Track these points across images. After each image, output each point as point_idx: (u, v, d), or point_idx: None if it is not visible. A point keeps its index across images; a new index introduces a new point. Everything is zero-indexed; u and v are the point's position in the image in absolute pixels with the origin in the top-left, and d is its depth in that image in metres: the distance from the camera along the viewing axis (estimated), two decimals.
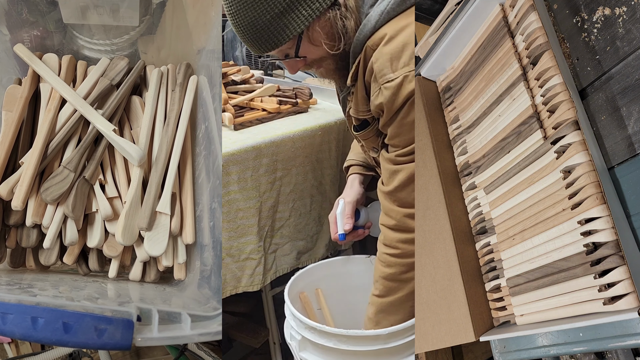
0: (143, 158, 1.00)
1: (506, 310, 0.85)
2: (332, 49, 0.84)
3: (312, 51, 0.85)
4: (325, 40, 0.83)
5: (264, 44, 0.83)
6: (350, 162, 1.11)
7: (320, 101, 1.53)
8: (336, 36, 0.83)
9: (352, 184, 1.08)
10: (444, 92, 1.08)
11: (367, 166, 1.09)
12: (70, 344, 0.64)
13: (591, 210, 0.66)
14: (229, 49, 2.17)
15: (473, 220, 0.94)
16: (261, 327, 1.43)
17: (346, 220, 1.03)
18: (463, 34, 0.99)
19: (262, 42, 0.82)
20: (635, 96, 0.70)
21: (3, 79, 1.08)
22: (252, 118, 1.37)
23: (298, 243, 1.33)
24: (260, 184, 1.23)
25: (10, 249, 1.00)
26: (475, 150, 0.95)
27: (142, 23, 1.15)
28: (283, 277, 1.30)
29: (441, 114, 1.07)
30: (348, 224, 1.03)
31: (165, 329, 0.70)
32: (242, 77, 1.58)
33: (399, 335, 0.83)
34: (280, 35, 0.81)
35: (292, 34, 0.81)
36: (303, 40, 0.83)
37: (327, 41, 0.83)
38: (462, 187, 0.98)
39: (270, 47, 0.83)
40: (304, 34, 0.82)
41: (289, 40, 0.82)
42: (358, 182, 1.07)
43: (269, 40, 0.82)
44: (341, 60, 0.87)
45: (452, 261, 0.90)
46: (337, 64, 0.88)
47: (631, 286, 0.61)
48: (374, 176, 1.10)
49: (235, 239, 1.21)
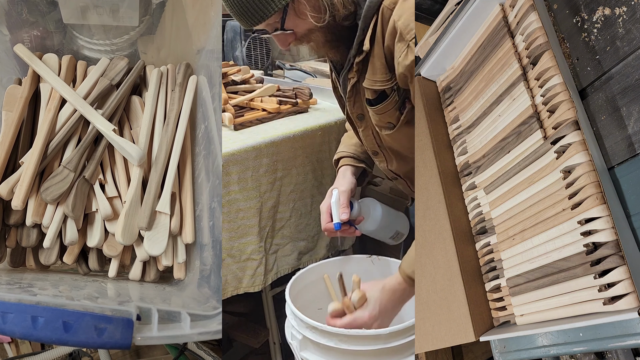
0: (143, 158, 1.00)
1: (506, 310, 0.85)
2: (319, 21, 0.84)
3: (299, 24, 0.85)
4: (311, 12, 0.83)
5: (251, 17, 0.83)
6: (340, 155, 1.09)
7: (320, 101, 1.53)
8: (322, 8, 0.83)
9: (344, 174, 1.06)
10: (444, 92, 1.08)
11: (358, 158, 1.07)
12: (70, 343, 0.64)
13: (591, 210, 0.66)
14: (229, 49, 2.17)
15: (473, 220, 0.94)
16: (261, 327, 1.43)
17: (342, 209, 1.00)
18: (463, 34, 0.99)
19: (249, 15, 0.83)
20: (635, 96, 0.70)
21: (3, 79, 1.08)
22: (252, 118, 1.37)
23: (299, 243, 1.33)
24: (261, 184, 1.23)
25: (10, 249, 1.00)
26: (475, 150, 0.95)
27: (141, 23, 1.15)
28: (282, 277, 1.30)
29: (441, 114, 1.07)
30: (345, 213, 1.00)
31: (165, 328, 0.70)
32: (242, 77, 1.58)
33: (399, 335, 0.83)
34: (265, 8, 0.82)
35: (277, 7, 0.81)
36: (289, 13, 0.83)
37: (313, 13, 0.83)
38: (462, 187, 0.98)
39: (257, 20, 0.83)
40: (289, 7, 0.82)
41: (275, 13, 0.82)
42: (350, 173, 1.06)
43: (255, 13, 0.82)
44: (330, 33, 0.87)
45: (452, 261, 0.90)
46: (326, 37, 0.87)
47: (631, 286, 0.61)
48: (364, 169, 1.09)
49: (236, 239, 1.21)
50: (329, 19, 0.84)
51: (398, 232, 1.12)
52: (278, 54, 2.42)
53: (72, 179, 0.97)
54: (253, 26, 0.85)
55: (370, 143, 1.01)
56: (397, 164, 1.01)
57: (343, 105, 1.01)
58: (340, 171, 1.08)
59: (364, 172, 1.10)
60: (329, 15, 0.84)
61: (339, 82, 0.97)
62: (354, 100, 0.95)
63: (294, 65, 2.10)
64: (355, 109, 0.97)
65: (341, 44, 0.89)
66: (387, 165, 1.04)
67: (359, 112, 0.97)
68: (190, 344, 1.22)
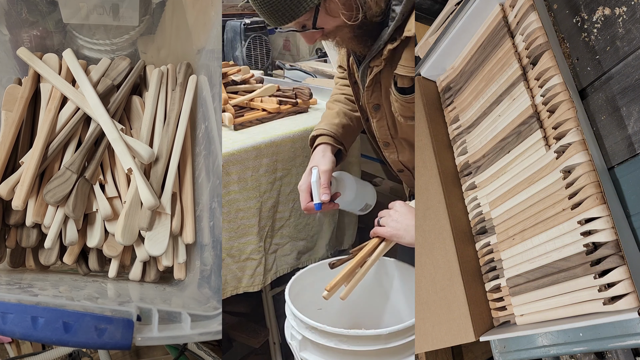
0: (152, 157, 1.00)
1: (506, 310, 0.85)
2: (350, 19, 0.83)
3: (330, 22, 0.85)
4: (343, 11, 0.83)
5: (281, 16, 0.82)
6: (320, 132, 1.06)
7: (320, 101, 1.53)
8: (354, 6, 0.83)
9: (324, 153, 1.03)
10: (444, 92, 1.08)
11: (338, 140, 1.06)
12: (71, 343, 0.64)
13: (591, 210, 0.66)
14: (229, 49, 2.17)
15: (473, 220, 0.94)
16: (261, 327, 1.43)
17: (323, 190, 0.98)
18: (463, 34, 0.99)
19: (280, 13, 0.82)
20: (635, 96, 0.70)
21: (3, 79, 1.08)
22: (252, 118, 1.37)
23: (298, 243, 1.33)
24: (261, 184, 1.23)
25: (10, 249, 1.00)
26: (475, 150, 0.95)
27: (142, 23, 1.15)
28: (283, 277, 1.30)
29: (441, 114, 1.07)
30: (325, 194, 0.98)
31: (165, 329, 0.70)
32: (242, 77, 1.58)
33: (399, 335, 0.83)
34: (297, 7, 0.81)
35: (309, 6, 0.81)
36: (320, 12, 0.83)
37: (345, 11, 0.83)
38: (462, 187, 0.98)
39: (288, 19, 0.83)
40: (321, 5, 0.82)
41: (306, 12, 0.82)
42: (330, 152, 1.04)
43: (286, 12, 0.82)
44: (359, 28, 0.87)
45: (452, 261, 0.90)
46: (354, 32, 0.87)
47: (631, 286, 0.61)
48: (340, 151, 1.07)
49: (236, 239, 1.21)
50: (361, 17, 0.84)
51: (367, 204, 1.11)
52: (278, 54, 2.42)
53: (74, 180, 0.97)
54: (282, 25, 0.84)
55: (383, 134, 1.00)
56: (409, 154, 1.01)
57: (358, 94, 1.00)
58: (320, 149, 1.04)
59: (338, 155, 1.08)
60: (361, 13, 0.83)
61: (358, 71, 0.96)
62: (372, 90, 0.95)
63: (294, 65, 2.10)
64: (372, 99, 0.96)
65: (368, 37, 0.88)
66: (397, 157, 1.03)
67: (375, 102, 0.96)
68: (191, 345, 1.22)
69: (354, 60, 0.97)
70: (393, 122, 0.98)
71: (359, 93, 0.99)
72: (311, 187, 0.99)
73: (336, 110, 1.11)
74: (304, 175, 1.02)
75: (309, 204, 0.99)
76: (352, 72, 1.00)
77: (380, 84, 0.94)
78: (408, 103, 0.92)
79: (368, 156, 1.48)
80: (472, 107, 0.97)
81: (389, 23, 0.86)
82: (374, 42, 0.89)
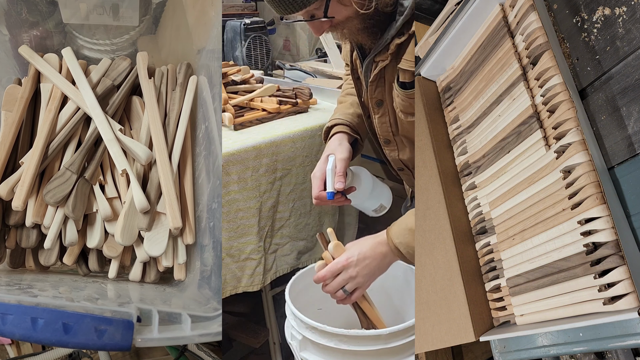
0: (150, 158, 1.00)
1: (506, 310, 0.85)
2: (362, 7, 0.81)
3: (341, 11, 0.83)
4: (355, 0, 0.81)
5: (291, 4, 0.80)
6: (336, 122, 1.03)
7: (320, 101, 1.53)
8: None
9: (340, 141, 0.99)
10: (444, 92, 1.08)
11: (354, 129, 1.03)
12: (70, 344, 0.64)
13: (591, 210, 0.66)
14: (229, 49, 2.17)
15: (473, 220, 0.94)
16: (261, 327, 1.43)
17: (338, 177, 0.93)
18: (463, 34, 0.99)
19: (290, 1, 0.80)
20: (635, 96, 0.70)
21: (3, 79, 1.08)
22: (252, 118, 1.37)
23: (298, 243, 1.33)
24: (260, 184, 1.23)
25: (10, 250, 1.00)
26: (475, 150, 0.95)
27: (142, 23, 1.15)
28: (283, 277, 1.30)
29: (441, 114, 1.07)
30: (340, 182, 0.92)
31: (165, 330, 0.70)
32: (242, 77, 1.58)
33: (399, 335, 0.83)
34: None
35: None
36: (332, 0, 0.81)
37: (358, 0, 0.81)
38: (462, 187, 0.98)
39: (299, 7, 0.81)
40: None
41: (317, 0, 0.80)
42: (347, 141, 1.00)
43: (296, 0, 0.80)
44: (369, 19, 0.85)
45: (452, 261, 0.90)
46: (364, 24, 0.86)
47: (631, 286, 0.61)
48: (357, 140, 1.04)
49: (235, 239, 1.21)
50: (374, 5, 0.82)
51: (382, 205, 1.08)
52: (278, 54, 2.42)
53: (74, 181, 0.97)
54: (292, 13, 0.82)
55: (384, 130, 0.99)
56: (410, 153, 1.00)
57: (360, 90, 0.99)
58: (336, 138, 1.00)
59: (355, 145, 1.05)
60: (374, 1, 0.82)
61: (361, 66, 0.95)
62: (376, 85, 0.93)
63: (294, 65, 2.10)
64: (375, 95, 0.95)
65: (377, 29, 0.87)
66: (397, 155, 1.02)
67: (378, 98, 0.95)
68: (191, 345, 1.22)
69: (358, 56, 0.96)
70: (395, 119, 0.97)
71: (362, 89, 0.98)
72: (326, 175, 0.94)
73: (349, 101, 1.08)
74: (319, 163, 0.97)
75: (321, 192, 0.94)
76: (355, 67, 0.99)
77: (385, 79, 0.92)
78: (409, 98, 0.91)
79: (368, 156, 1.48)
80: (472, 107, 0.97)
81: (396, 17, 0.85)
82: (381, 35, 0.87)
